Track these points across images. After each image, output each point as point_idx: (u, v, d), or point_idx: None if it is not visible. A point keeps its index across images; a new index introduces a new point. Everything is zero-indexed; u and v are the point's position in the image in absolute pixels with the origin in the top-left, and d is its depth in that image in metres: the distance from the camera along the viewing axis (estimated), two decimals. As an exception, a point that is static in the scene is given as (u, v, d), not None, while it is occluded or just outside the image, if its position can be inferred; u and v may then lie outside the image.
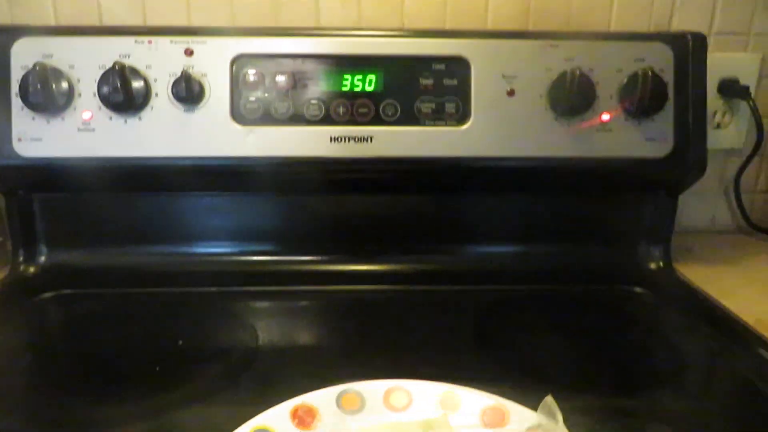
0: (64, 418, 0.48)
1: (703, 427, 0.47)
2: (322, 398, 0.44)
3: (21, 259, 0.71)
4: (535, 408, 0.42)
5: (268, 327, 0.62)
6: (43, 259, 0.72)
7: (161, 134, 0.64)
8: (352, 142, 0.65)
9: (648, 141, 0.68)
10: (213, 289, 0.69)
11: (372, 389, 0.46)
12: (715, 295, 0.67)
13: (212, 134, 0.64)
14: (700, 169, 0.70)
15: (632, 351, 0.59)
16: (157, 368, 0.53)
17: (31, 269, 0.71)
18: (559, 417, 0.37)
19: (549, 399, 0.39)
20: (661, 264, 0.75)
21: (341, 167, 0.67)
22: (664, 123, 0.67)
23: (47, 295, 0.69)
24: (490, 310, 0.67)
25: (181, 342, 0.58)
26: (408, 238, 0.74)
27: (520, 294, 0.71)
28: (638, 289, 0.72)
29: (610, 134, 0.67)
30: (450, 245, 0.75)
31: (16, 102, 0.63)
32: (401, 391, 0.46)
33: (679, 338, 0.63)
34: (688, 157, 0.68)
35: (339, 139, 0.65)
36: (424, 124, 0.66)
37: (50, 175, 0.67)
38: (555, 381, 0.40)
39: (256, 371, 0.53)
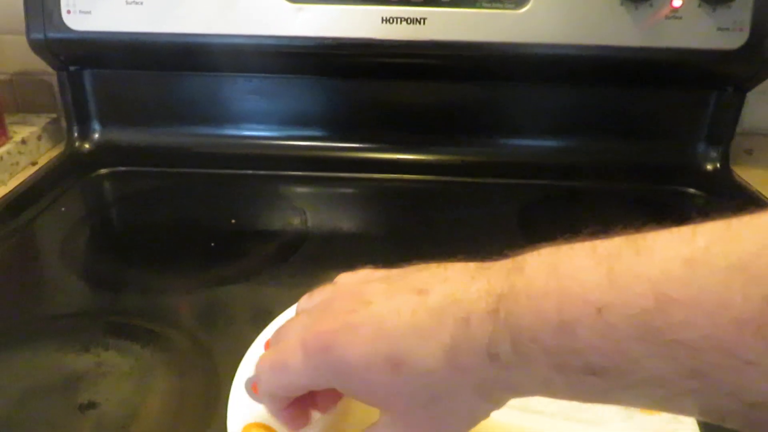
0: (124, 285, 0.50)
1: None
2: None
3: (75, 135, 0.73)
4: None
5: (316, 211, 0.63)
6: (96, 136, 0.73)
7: (210, 10, 0.63)
8: (404, 23, 0.62)
9: (721, 31, 0.63)
10: (261, 172, 0.70)
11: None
12: (774, 199, 0.65)
13: (261, 11, 0.62)
14: (776, 64, 0.65)
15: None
16: (212, 244, 0.56)
17: (86, 146, 0.73)
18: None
19: None
20: (719, 165, 0.72)
21: (391, 50, 0.64)
22: (741, 10, 0.62)
23: (103, 171, 0.71)
24: (536, 204, 0.66)
25: (234, 221, 0.60)
26: (457, 128, 0.73)
27: (567, 189, 0.70)
28: (692, 190, 0.70)
29: (680, 22, 0.62)
30: (500, 137, 0.73)
31: (65, -27, 0.62)
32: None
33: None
34: (765, 50, 0.63)
35: (390, 20, 0.62)
36: (480, 6, 0.62)
37: (99, 50, 0.67)
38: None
39: (305, 253, 0.55)
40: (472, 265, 0.26)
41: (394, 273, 0.28)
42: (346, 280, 0.31)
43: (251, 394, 0.34)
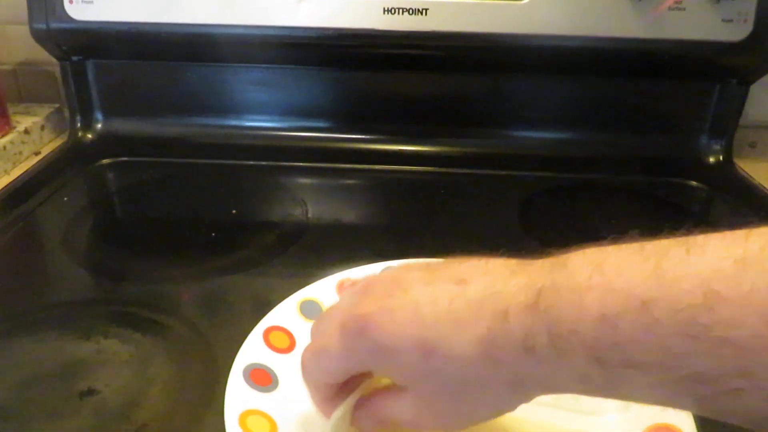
0: (125, 274, 0.51)
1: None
2: (367, 273, 0.45)
3: (78, 125, 0.73)
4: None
5: (317, 202, 0.63)
6: (99, 126, 0.74)
7: (212, 0, 0.63)
8: (405, 14, 0.62)
9: (724, 23, 0.63)
10: (263, 162, 0.70)
11: (416, 265, 0.47)
12: (776, 193, 0.65)
13: (264, 2, 0.62)
14: (780, 56, 0.65)
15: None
16: (213, 234, 0.56)
17: (89, 136, 0.73)
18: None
19: None
20: (721, 158, 0.72)
21: (393, 41, 0.64)
22: (745, 1, 0.62)
23: (105, 161, 0.71)
24: (537, 196, 0.66)
25: (234, 211, 0.60)
26: (458, 120, 0.73)
27: (568, 181, 0.69)
28: (694, 183, 0.70)
29: (683, 13, 0.62)
30: (502, 129, 0.73)
31: (66, -38, 0.62)
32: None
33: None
34: (768, 42, 0.63)
35: (392, 11, 0.62)
36: (482, -3, 0.62)
37: (102, 40, 0.67)
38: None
39: (305, 244, 0.55)
40: (512, 261, 0.26)
41: (435, 263, 0.28)
42: (388, 270, 0.31)
43: (249, 382, 0.35)
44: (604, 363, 0.21)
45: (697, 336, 0.19)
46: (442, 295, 0.25)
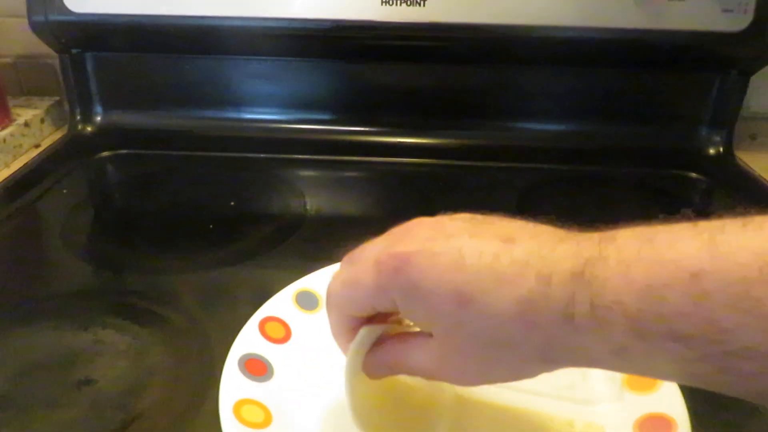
0: (124, 265, 0.51)
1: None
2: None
3: (78, 118, 0.73)
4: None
5: (316, 194, 0.64)
6: (99, 119, 0.74)
7: (209, -8, 0.63)
8: (403, 5, 0.62)
9: (724, 12, 0.62)
10: (262, 155, 0.70)
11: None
12: (777, 185, 0.65)
13: (260, -7, 0.62)
14: (781, 47, 0.64)
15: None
16: (211, 226, 0.56)
17: (88, 128, 0.74)
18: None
19: None
20: (722, 150, 0.71)
21: (391, 33, 0.64)
22: (746, -8, 0.62)
23: (105, 154, 0.71)
24: (536, 188, 0.66)
25: (233, 203, 0.60)
26: (457, 112, 0.73)
27: (568, 173, 0.70)
28: (693, 174, 0.70)
29: (683, 4, 0.62)
30: (500, 120, 0.73)
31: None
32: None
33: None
34: (768, 32, 0.63)
35: (390, 2, 0.62)
36: (481, -11, 0.62)
37: (100, 32, 0.67)
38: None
39: (303, 235, 0.55)
40: (560, 229, 0.26)
41: (480, 218, 0.28)
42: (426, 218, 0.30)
43: (244, 371, 0.35)
44: (645, 336, 0.21)
45: (749, 310, 0.19)
46: (488, 249, 0.24)
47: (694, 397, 0.33)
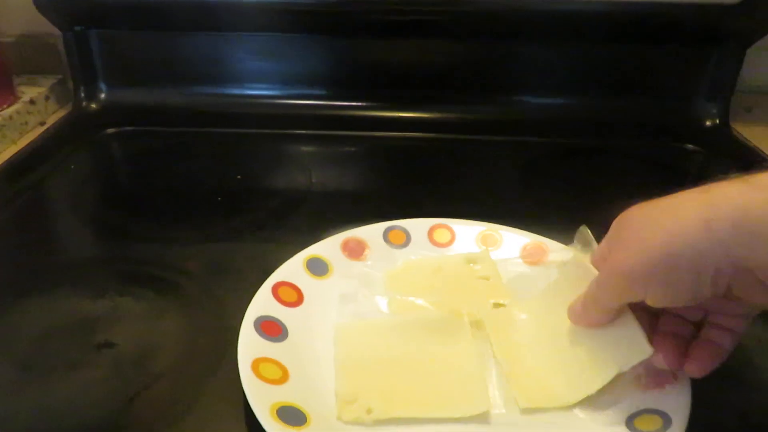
0: (135, 237, 0.52)
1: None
2: (370, 232, 0.47)
3: (82, 95, 0.74)
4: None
5: (320, 168, 0.65)
6: (103, 96, 0.74)
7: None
8: (405, -20, 0.63)
9: (722, -16, 0.63)
10: (265, 130, 0.71)
11: (417, 226, 0.48)
12: (772, 156, 0.66)
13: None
14: (777, 19, 0.65)
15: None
16: (219, 199, 0.57)
17: (93, 106, 0.74)
18: (594, 245, 0.38)
19: (584, 228, 0.39)
20: (718, 121, 0.72)
21: (391, 7, 0.65)
22: (743, -36, 0.62)
23: (110, 131, 0.72)
24: (535, 161, 0.67)
25: (239, 176, 0.62)
26: (458, 86, 0.73)
27: (566, 146, 0.71)
28: (690, 146, 0.71)
29: (681, -23, 0.63)
30: (498, 95, 0.74)
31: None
32: (444, 229, 0.48)
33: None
34: (765, 4, 0.63)
35: (392, -23, 0.63)
36: (481, -37, 0.63)
37: (104, 9, 0.67)
38: (594, 222, 0.41)
39: (310, 207, 0.57)
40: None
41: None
42: None
43: (260, 332, 0.36)
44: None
45: None
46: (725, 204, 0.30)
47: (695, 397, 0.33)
